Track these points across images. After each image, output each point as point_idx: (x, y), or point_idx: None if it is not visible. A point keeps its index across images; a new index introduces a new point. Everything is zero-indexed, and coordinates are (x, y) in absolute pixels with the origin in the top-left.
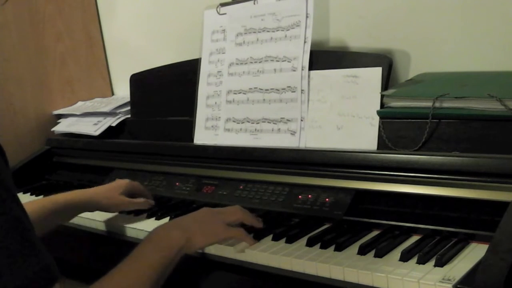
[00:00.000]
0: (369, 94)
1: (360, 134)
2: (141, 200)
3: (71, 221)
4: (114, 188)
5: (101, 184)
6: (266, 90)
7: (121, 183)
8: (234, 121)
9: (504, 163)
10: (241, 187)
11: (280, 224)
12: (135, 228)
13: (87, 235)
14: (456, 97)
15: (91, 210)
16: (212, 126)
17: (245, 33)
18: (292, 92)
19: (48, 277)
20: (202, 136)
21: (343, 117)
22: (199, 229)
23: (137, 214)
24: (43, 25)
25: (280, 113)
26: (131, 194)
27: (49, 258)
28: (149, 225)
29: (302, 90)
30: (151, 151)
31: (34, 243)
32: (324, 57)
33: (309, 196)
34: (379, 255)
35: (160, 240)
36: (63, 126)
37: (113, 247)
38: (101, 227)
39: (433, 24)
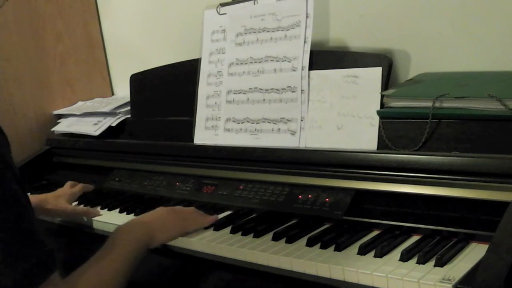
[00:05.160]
0: (369, 94)
1: (360, 134)
2: (83, 210)
3: None
4: (60, 195)
5: (100, 183)
6: (266, 90)
7: (66, 192)
8: (234, 121)
9: (504, 163)
10: (241, 187)
11: (280, 224)
12: None
13: None
14: (456, 97)
15: (38, 215)
16: (212, 126)
17: (245, 33)
18: (292, 92)
19: (46, 267)
20: (202, 136)
21: (343, 117)
22: (160, 226)
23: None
24: (43, 25)
25: (280, 113)
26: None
27: (47, 249)
28: None
29: (302, 90)
30: (151, 151)
31: (32, 233)
32: (324, 57)
33: (309, 196)
34: (379, 255)
35: (127, 236)
36: (63, 126)
37: None
38: None
39: (433, 24)
